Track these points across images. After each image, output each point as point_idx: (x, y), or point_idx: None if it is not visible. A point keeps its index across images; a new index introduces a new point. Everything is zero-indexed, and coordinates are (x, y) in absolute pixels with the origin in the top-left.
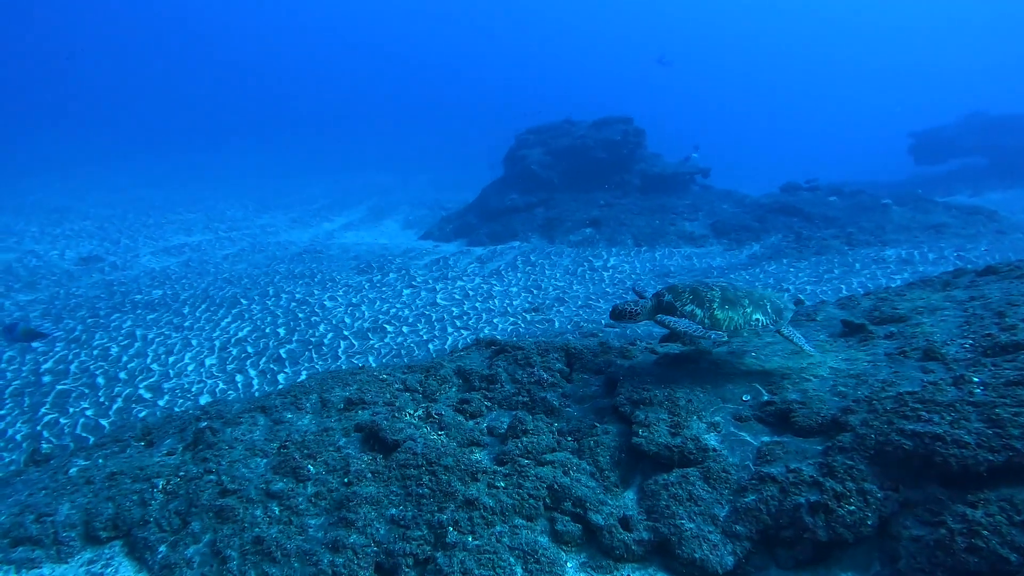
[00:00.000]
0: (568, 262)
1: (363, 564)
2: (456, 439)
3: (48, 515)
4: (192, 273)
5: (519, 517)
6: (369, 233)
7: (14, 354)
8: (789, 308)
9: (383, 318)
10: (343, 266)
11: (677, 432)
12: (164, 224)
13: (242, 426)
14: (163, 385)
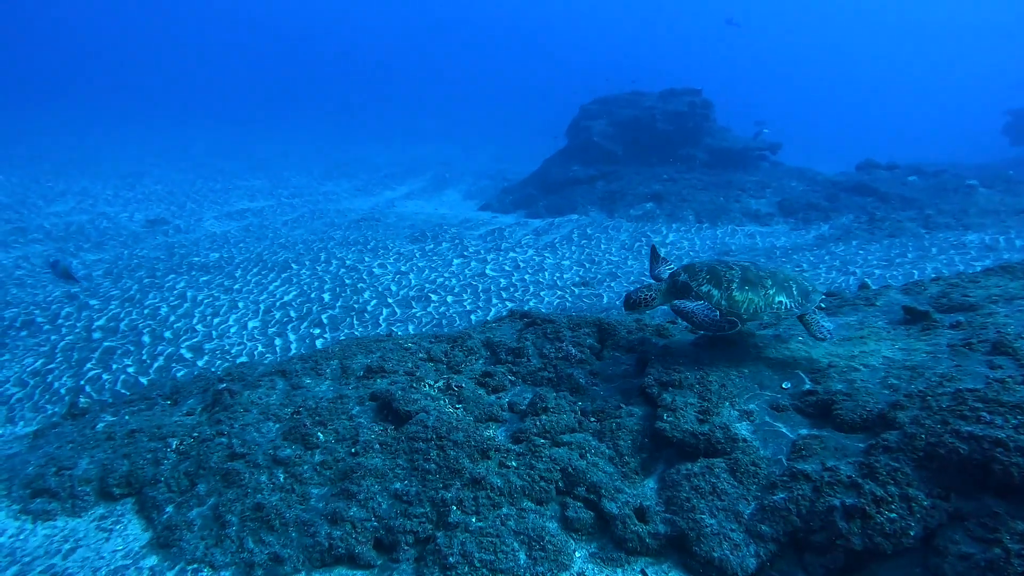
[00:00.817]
0: (626, 237)
1: (361, 539)
2: (473, 413)
3: (67, 469)
4: (250, 237)
5: (528, 500)
6: (429, 203)
7: (71, 310)
8: (818, 291)
9: (429, 287)
10: (398, 234)
11: (705, 419)
12: (230, 189)
13: (260, 389)
14: (204, 346)
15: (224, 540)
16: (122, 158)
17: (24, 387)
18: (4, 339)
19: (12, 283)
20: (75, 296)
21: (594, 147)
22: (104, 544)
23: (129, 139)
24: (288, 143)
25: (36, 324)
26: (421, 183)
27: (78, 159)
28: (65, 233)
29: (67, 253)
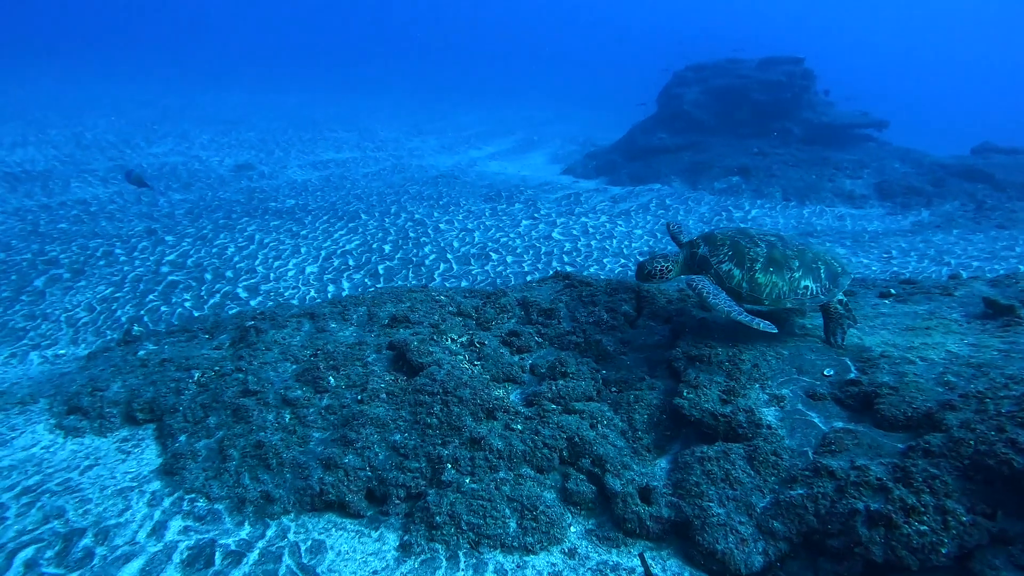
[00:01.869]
0: (705, 210)
1: (353, 487)
2: (491, 372)
3: (101, 390)
4: (329, 187)
5: (528, 466)
6: (513, 164)
7: (147, 244)
8: (847, 274)
9: (492, 245)
10: (473, 192)
11: (729, 400)
12: (319, 140)
13: (286, 329)
14: (261, 287)
15: (223, 473)
16: (224, 107)
17: (91, 312)
18: (85, 267)
19: (103, 216)
20: (153, 231)
21: (683, 115)
22: (120, 465)
23: (233, 90)
24: (382, 98)
25: (114, 255)
26: (508, 144)
27: (185, 107)
28: (159, 172)
29: (157, 191)
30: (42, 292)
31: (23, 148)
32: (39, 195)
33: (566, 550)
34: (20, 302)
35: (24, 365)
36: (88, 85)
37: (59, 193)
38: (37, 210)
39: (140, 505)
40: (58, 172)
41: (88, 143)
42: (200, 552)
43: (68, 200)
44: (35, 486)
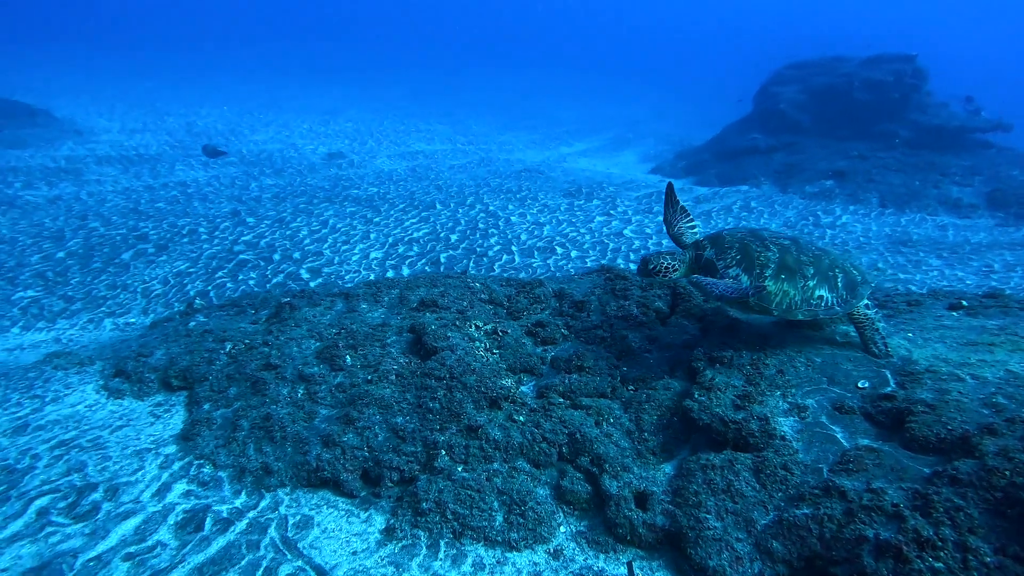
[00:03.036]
0: (792, 214)
1: (349, 467)
2: (508, 361)
3: (145, 356)
4: (412, 177)
5: (524, 460)
6: (602, 161)
7: (229, 225)
8: (867, 283)
9: (559, 240)
10: (554, 187)
11: (743, 405)
12: (412, 132)
13: (319, 308)
14: (324, 269)
15: (231, 443)
16: (327, 99)
17: (165, 286)
18: (169, 244)
19: (198, 197)
20: (237, 213)
21: (779, 115)
22: (147, 427)
23: (336, 83)
24: (479, 92)
25: (197, 234)
26: (599, 142)
27: (291, 98)
28: (256, 159)
29: (251, 176)
30: (127, 265)
31: (141, 134)
32: (147, 176)
33: (551, 550)
34: (107, 272)
35: (98, 330)
36: (207, 78)
37: (164, 175)
38: (141, 190)
39: (152, 466)
40: (167, 156)
41: (199, 130)
42: (194, 516)
43: (170, 182)
44: (69, 440)
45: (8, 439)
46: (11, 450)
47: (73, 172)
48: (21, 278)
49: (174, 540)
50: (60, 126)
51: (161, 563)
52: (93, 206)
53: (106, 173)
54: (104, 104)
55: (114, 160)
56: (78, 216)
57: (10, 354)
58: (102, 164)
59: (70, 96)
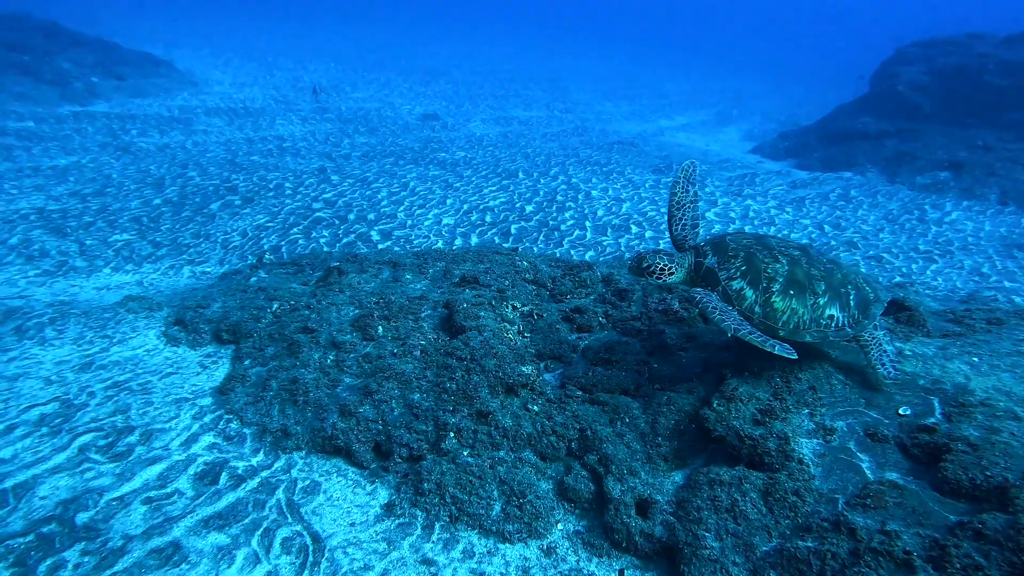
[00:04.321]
0: (896, 207)
1: (362, 438)
2: (537, 346)
3: (203, 308)
4: (503, 144)
5: (531, 451)
6: (702, 137)
7: (313, 182)
8: (880, 301)
9: (636, 218)
10: (644, 162)
11: (764, 420)
12: (510, 96)
13: (366, 275)
14: (394, 232)
15: (259, 402)
16: (433, 59)
17: (244, 238)
18: (256, 197)
19: (291, 152)
20: (324, 170)
21: (896, 97)
22: (193, 377)
23: (444, 43)
24: (586, 60)
25: (283, 188)
26: (702, 116)
27: (397, 57)
28: (353, 116)
29: (345, 134)
30: (213, 215)
31: (250, 87)
32: (248, 129)
33: (544, 547)
34: (194, 221)
35: (176, 277)
36: (320, 33)
37: (265, 128)
38: (241, 142)
39: (187, 416)
40: (270, 110)
41: (303, 86)
42: (212, 469)
43: (269, 135)
44: (122, 382)
45: (74, 374)
46: (73, 386)
47: (184, 122)
48: (120, 221)
49: (191, 490)
50: (179, 77)
51: (174, 511)
52: (195, 155)
53: (212, 124)
54: (222, 57)
55: (221, 112)
56: (180, 164)
57: (97, 293)
58: (210, 115)
59: (193, 48)
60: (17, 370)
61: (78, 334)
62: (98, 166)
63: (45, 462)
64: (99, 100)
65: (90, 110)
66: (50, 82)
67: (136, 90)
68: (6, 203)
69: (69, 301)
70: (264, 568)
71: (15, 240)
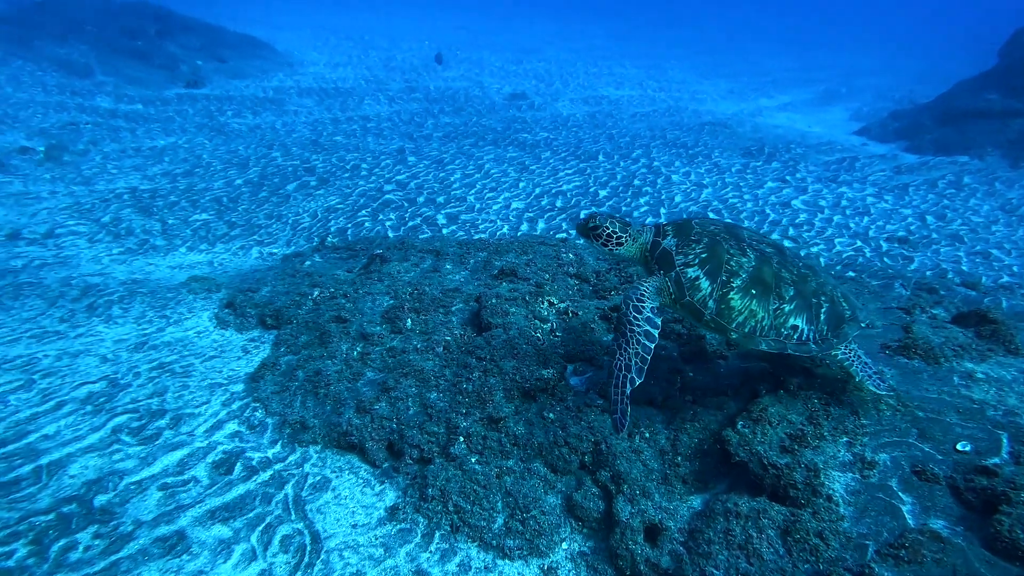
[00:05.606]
0: (1016, 196)
1: (375, 436)
2: (567, 347)
3: (253, 291)
4: (588, 124)
5: (541, 462)
6: (804, 117)
7: (390, 163)
8: (856, 321)
9: (716, 205)
10: (734, 145)
11: (793, 448)
12: (603, 75)
13: (407, 263)
14: (461, 216)
15: (284, 392)
16: (527, 36)
17: (314, 219)
18: (331, 178)
19: (374, 133)
20: (402, 151)
21: None
22: (234, 362)
23: (539, 18)
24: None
25: (359, 169)
26: (806, 95)
27: (491, 32)
28: (440, 95)
29: (430, 114)
30: (289, 196)
31: (344, 67)
32: (336, 109)
33: (545, 567)
34: (270, 202)
35: (245, 258)
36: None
37: (352, 108)
38: (327, 122)
39: (217, 402)
40: (360, 90)
41: (395, 65)
42: (228, 459)
43: (355, 116)
44: (167, 364)
45: (128, 353)
46: (124, 365)
47: (277, 103)
48: (202, 201)
49: (206, 478)
50: (278, 58)
51: (186, 499)
52: (282, 136)
53: (303, 104)
54: (320, 38)
55: (313, 92)
56: (266, 145)
57: (170, 271)
58: (303, 96)
59: (294, 29)
60: (81, 347)
61: (140, 313)
62: (192, 147)
63: (80, 441)
64: (202, 82)
65: (192, 92)
66: (160, 66)
67: (236, 72)
68: (107, 182)
69: (142, 280)
70: (259, 566)
71: (107, 219)
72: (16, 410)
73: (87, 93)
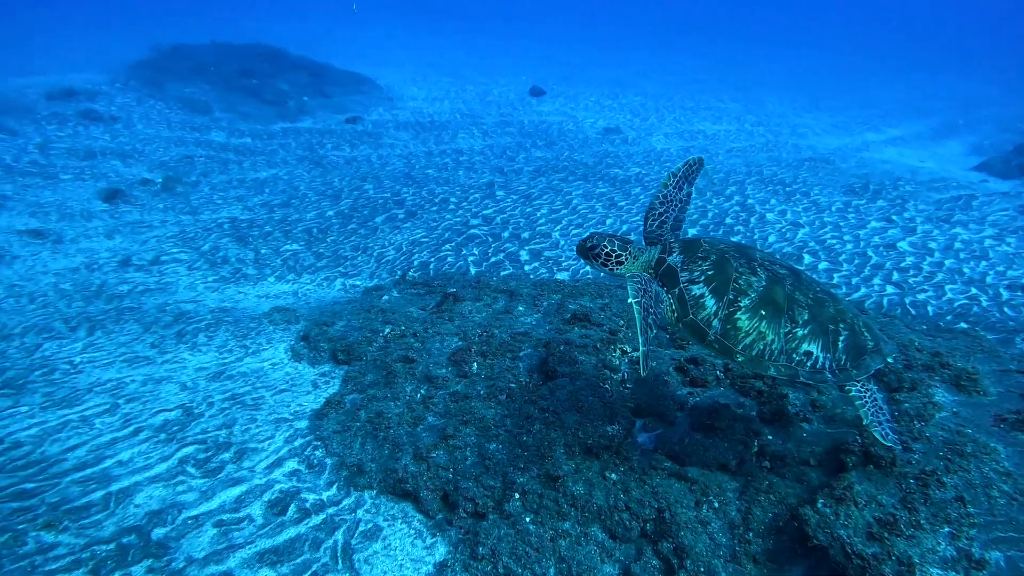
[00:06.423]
0: None
1: (431, 485)
2: (637, 400)
3: (328, 325)
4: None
5: (600, 527)
6: (915, 152)
7: (478, 197)
8: (881, 353)
9: (812, 246)
10: (836, 181)
11: (882, 536)
12: (700, 109)
13: (480, 303)
14: (544, 253)
15: (346, 432)
16: (622, 68)
17: (398, 252)
18: (419, 211)
19: (465, 167)
20: (491, 185)
21: None
22: (303, 396)
23: (635, 51)
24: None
25: (447, 203)
26: (919, 128)
27: (585, 66)
28: (534, 130)
29: (522, 147)
30: (376, 228)
31: (441, 102)
32: (431, 142)
33: None
34: (357, 234)
35: (328, 289)
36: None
37: (447, 142)
38: (421, 155)
39: (280, 438)
40: (455, 124)
41: (491, 100)
42: (284, 498)
43: (448, 149)
44: (240, 395)
45: (206, 382)
46: (200, 394)
47: (374, 136)
48: (294, 232)
49: (260, 518)
50: (379, 93)
51: (238, 538)
52: (376, 169)
53: (399, 138)
54: (421, 73)
55: (410, 126)
56: (360, 178)
57: (257, 300)
58: (399, 129)
59: (397, 66)
60: (165, 373)
61: (223, 342)
62: (291, 178)
63: (149, 470)
64: (306, 117)
65: (297, 126)
66: (270, 102)
67: (339, 107)
68: (211, 212)
69: (230, 308)
70: None
71: (207, 247)
72: (99, 434)
73: (204, 128)
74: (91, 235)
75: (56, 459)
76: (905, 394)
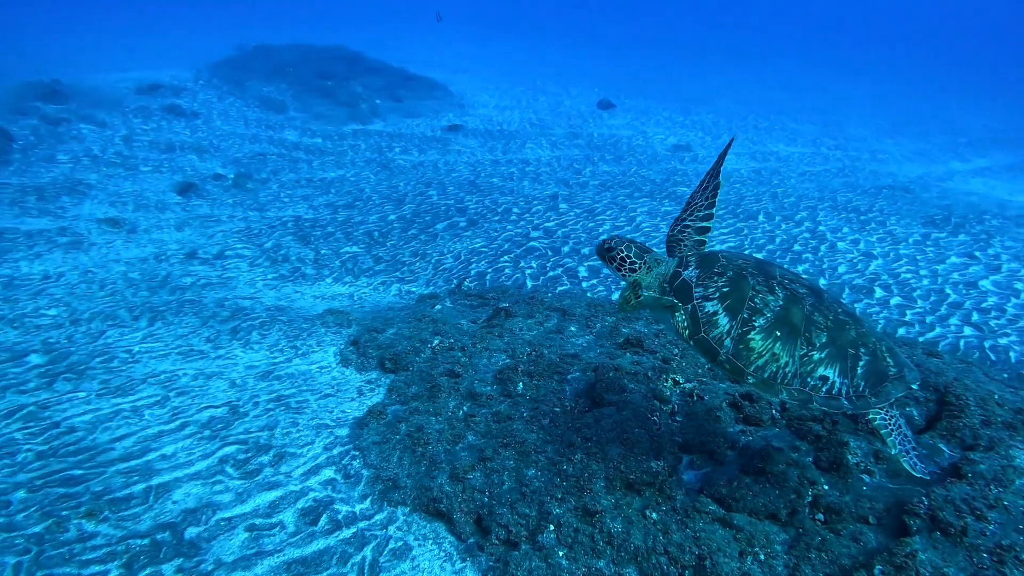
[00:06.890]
0: None
1: (465, 507)
2: (686, 435)
3: (378, 332)
4: (752, 181)
5: (635, 568)
6: (1005, 184)
7: (541, 209)
8: (903, 380)
9: (885, 279)
10: (914, 212)
11: None
12: (775, 129)
13: (532, 320)
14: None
15: (384, 444)
16: (698, 84)
17: (456, 261)
18: (480, 220)
19: (531, 177)
20: (555, 197)
21: None
22: (347, 403)
23: (712, 70)
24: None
25: (509, 213)
26: (1010, 158)
27: (659, 81)
28: (602, 143)
29: (589, 161)
30: (436, 235)
31: (511, 110)
32: (498, 151)
33: None
34: (417, 240)
35: (384, 293)
36: (591, 60)
37: (514, 151)
38: (487, 163)
39: (319, 445)
40: (523, 133)
41: (562, 111)
42: (316, 508)
43: (515, 159)
44: (285, 397)
45: (254, 381)
46: (247, 392)
47: (442, 142)
48: (355, 234)
49: (292, 525)
50: (451, 99)
51: (268, 545)
52: (442, 175)
53: (467, 145)
54: (493, 81)
55: (479, 133)
56: (425, 183)
57: (312, 301)
58: (468, 136)
59: (471, 73)
60: (216, 368)
61: (275, 341)
62: (357, 180)
63: (190, 466)
64: (377, 120)
65: (367, 128)
66: (344, 103)
67: (410, 111)
68: (278, 210)
69: (285, 307)
70: None
71: (270, 244)
72: (147, 425)
73: (278, 127)
74: (163, 226)
75: (104, 448)
76: (981, 453)
